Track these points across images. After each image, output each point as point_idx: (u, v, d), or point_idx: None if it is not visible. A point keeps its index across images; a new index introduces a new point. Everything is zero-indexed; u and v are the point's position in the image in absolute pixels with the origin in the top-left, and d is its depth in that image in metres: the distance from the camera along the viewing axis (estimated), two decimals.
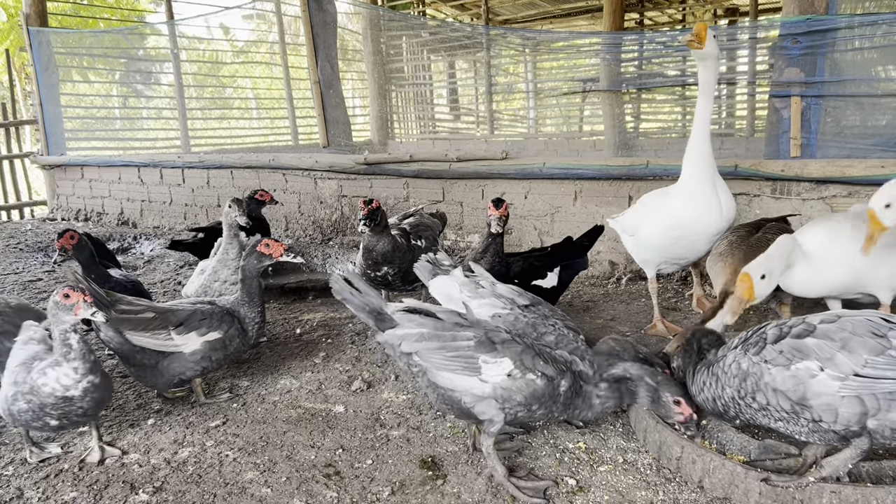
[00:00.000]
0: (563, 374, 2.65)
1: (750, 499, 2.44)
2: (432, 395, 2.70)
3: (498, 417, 2.62)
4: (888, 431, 2.26)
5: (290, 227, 8.01)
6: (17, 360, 2.96)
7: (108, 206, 9.95)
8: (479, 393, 2.59)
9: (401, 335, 2.62)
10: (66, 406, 2.85)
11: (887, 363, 2.23)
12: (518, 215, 6.37)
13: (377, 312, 2.69)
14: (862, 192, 4.77)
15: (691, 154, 3.96)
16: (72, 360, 2.82)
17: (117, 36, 12.55)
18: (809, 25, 4.92)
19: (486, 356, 2.57)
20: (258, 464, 2.99)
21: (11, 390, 2.86)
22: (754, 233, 3.88)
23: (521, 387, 2.58)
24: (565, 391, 2.64)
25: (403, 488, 2.76)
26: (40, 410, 2.83)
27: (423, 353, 2.59)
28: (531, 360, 2.60)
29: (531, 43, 12.35)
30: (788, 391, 2.34)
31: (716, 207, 3.92)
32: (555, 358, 2.69)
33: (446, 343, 2.59)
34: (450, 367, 2.59)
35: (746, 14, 13.73)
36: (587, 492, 2.66)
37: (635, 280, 5.60)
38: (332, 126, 8.51)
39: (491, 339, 2.62)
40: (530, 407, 2.61)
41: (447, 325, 2.66)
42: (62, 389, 2.81)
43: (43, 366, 2.85)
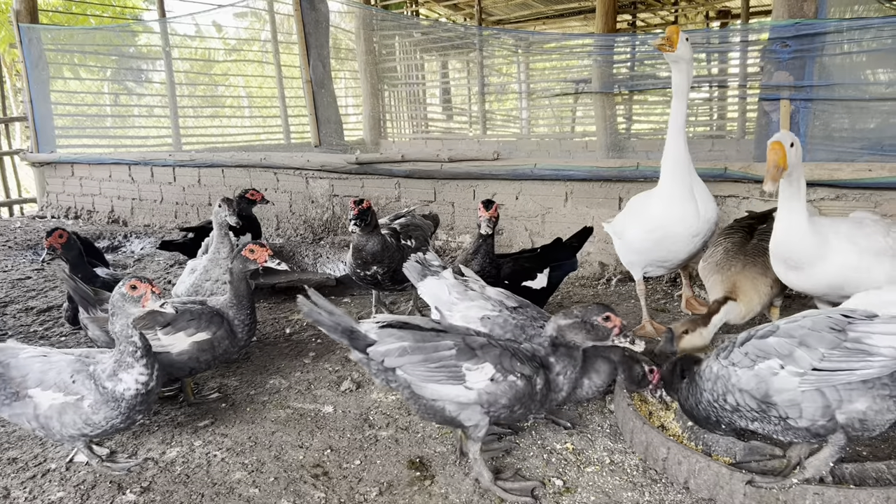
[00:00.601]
0: (537, 370, 2.66)
1: (735, 500, 2.46)
2: (414, 405, 2.70)
3: (483, 422, 2.63)
4: (858, 423, 2.32)
5: (282, 226, 7.99)
6: (58, 373, 2.81)
7: (99, 204, 9.91)
8: (465, 400, 2.60)
9: (383, 351, 2.60)
10: (150, 397, 2.87)
11: (842, 355, 2.30)
12: (509, 216, 6.39)
13: (350, 331, 2.65)
14: (850, 195, 4.81)
15: (667, 156, 3.98)
16: (140, 357, 2.79)
17: (109, 33, 12.50)
18: (798, 29, 4.95)
19: (468, 363, 2.57)
20: (246, 464, 2.99)
21: (85, 403, 2.76)
22: (748, 238, 3.90)
23: (504, 390, 2.58)
24: (541, 388, 2.66)
25: (391, 489, 2.76)
26: (130, 411, 2.81)
27: (406, 367, 2.58)
28: (509, 361, 2.61)
29: (524, 43, 12.36)
30: (752, 390, 2.43)
31: (692, 209, 3.93)
32: (527, 355, 2.69)
33: (429, 354, 2.58)
34: (434, 377, 2.58)
35: (738, 17, 13.79)
36: (574, 492, 2.68)
37: (625, 281, 5.62)
38: (323, 125, 8.50)
39: (470, 345, 2.61)
40: (513, 408, 2.63)
41: (427, 336, 2.65)
42: (144, 387, 2.81)
43: (108, 372, 2.78)
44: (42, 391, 2.79)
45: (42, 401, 2.79)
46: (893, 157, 5.01)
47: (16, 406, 2.82)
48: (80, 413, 2.77)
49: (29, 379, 2.80)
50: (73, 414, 2.78)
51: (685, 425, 3.00)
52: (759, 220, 4.21)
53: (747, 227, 4.06)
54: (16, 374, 2.82)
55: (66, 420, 2.79)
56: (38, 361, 2.85)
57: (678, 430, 3.00)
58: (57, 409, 2.78)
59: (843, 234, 3.34)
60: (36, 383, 2.79)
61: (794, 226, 3.24)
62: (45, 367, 2.83)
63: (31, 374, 2.81)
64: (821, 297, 3.57)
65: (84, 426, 2.80)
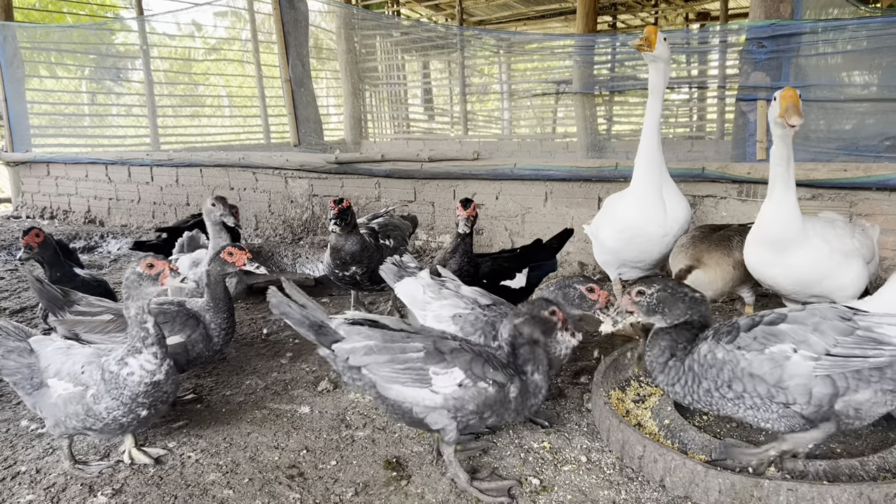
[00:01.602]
0: (512, 378, 2.61)
1: (710, 497, 2.46)
2: (382, 406, 2.68)
3: (450, 426, 2.60)
4: (852, 412, 2.40)
5: (261, 226, 7.94)
6: (73, 364, 2.78)
7: (75, 203, 9.79)
8: (431, 404, 2.56)
9: (348, 349, 2.56)
10: (156, 392, 2.75)
11: (855, 343, 2.37)
12: (489, 216, 6.38)
13: (318, 326, 2.61)
14: (826, 195, 4.86)
15: (640, 155, 4.01)
16: (150, 345, 2.71)
17: (86, 31, 12.35)
18: (774, 30, 5.00)
19: (435, 367, 2.54)
20: (221, 465, 2.95)
21: (88, 393, 2.71)
22: (716, 231, 3.94)
23: (472, 395, 2.55)
24: (515, 397, 2.61)
25: (367, 489, 2.74)
26: (132, 402, 2.70)
27: (371, 366, 2.55)
28: (481, 368, 2.57)
29: (505, 44, 12.39)
30: (765, 374, 2.43)
31: (661, 210, 3.97)
32: (503, 363, 2.65)
33: (395, 355, 2.54)
34: (399, 379, 2.55)
35: (717, 19, 13.92)
36: (550, 491, 2.67)
37: (604, 281, 5.63)
38: (303, 125, 8.46)
39: (440, 349, 2.58)
40: (482, 415, 2.60)
41: (395, 336, 2.61)
42: (149, 375, 2.71)
43: (117, 357, 2.72)
44: (58, 381, 2.77)
45: (55, 390, 2.77)
46: (868, 158, 5.08)
47: (36, 395, 2.81)
48: (82, 403, 2.72)
49: (50, 369, 2.79)
50: (77, 404, 2.73)
51: (661, 423, 3.00)
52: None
53: (717, 227, 4.10)
54: (43, 364, 2.81)
55: (70, 411, 2.74)
56: (61, 353, 2.83)
57: (654, 429, 3.01)
58: (64, 398, 2.75)
59: (818, 231, 3.38)
60: (54, 373, 2.77)
61: (785, 204, 3.28)
62: (65, 358, 2.81)
63: (52, 364, 2.80)
64: (789, 295, 3.60)
65: (86, 417, 2.73)
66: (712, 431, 3.07)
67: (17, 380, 2.83)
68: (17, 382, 2.83)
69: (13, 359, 2.82)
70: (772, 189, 3.33)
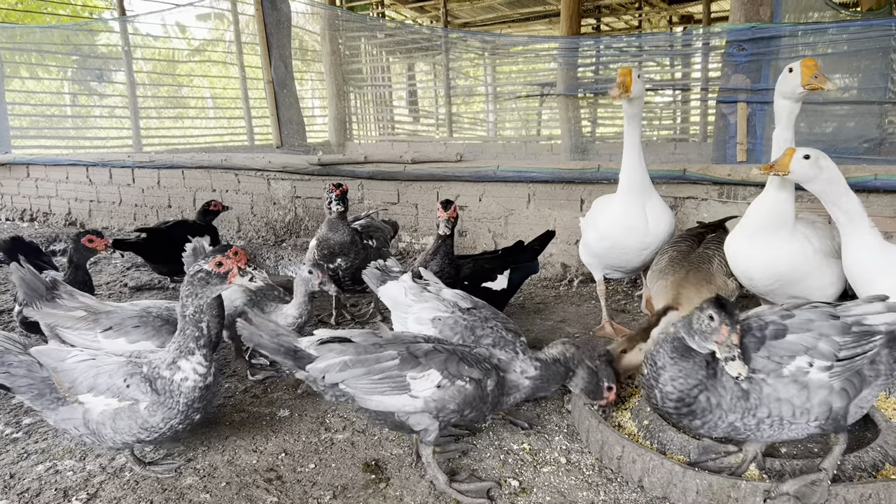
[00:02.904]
0: (488, 373, 2.65)
1: (688, 497, 2.47)
2: (364, 415, 2.68)
3: (433, 426, 2.61)
4: (856, 411, 2.40)
5: (243, 228, 7.89)
6: (110, 378, 2.65)
7: (56, 206, 9.69)
8: (412, 409, 2.57)
9: (322, 367, 2.54)
10: (207, 395, 2.69)
11: (853, 341, 2.32)
12: (473, 218, 6.38)
13: (293, 351, 2.59)
14: (805, 196, 4.88)
15: (623, 175, 4.07)
16: (202, 346, 2.63)
17: (67, 31, 12.25)
18: (754, 33, 5.03)
19: (412, 372, 2.54)
20: (198, 469, 2.92)
21: (142, 406, 2.61)
22: (695, 247, 3.92)
23: (452, 395, 2.57)
24: (492, 390, 2.65)
25: (345, 492, 2.72)
26: (188, 409, 2.63)
27: (349, 381, 2.53)
28: (456, 366, 2.58)
29: (490, 46, 12.41)
30: (793, 397, 2.31)
31: (641, 225, 4.06)
32: (477, 358, 2.68)
33: (371, 367, 2.53)
34: (378, 389, 2.54)
35: (700, 22, 14.01)
36: (529, 493, 2.66)
37: (587, 282, 5.65)
38: (285, 126, 8.42)
39: (413, 353, 2.58)
40: (463, 412, 2.62)
41: (368, 349, 2.60)
42: (202, 379, 2.64)
43: (167, 361, 2.63)
44: (94, 397, 2.63)
45: (94, 406, 2.64)
46: (848, 160, 5.11)
47: (62, 411, 2.67)
48: (136, 417, 2.62)
49: (79, 384, 2.63)
50: (129, 419, 2.62)
51: (641, 424, 3.00)
52: (710, 229, 4.25)
53: (696, 235, 4.09)
54: (64, 378, 2.64)
55: (121, 426, 2.63)
56: (87, 365, 2.67)
57: (634, 429, 3.01)
58: (110, 415, 2.63)
59: (801, 230, 3.40)
60: (87, 388, 2.62)
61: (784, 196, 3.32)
62: (95, 371, 2.65)
63: (80, 378, 2.64)
64: (768, 294, 3.62)
65: (140, 431, 2.64)
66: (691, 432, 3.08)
67: (33, 395, 2.68)
68: (34, 398, 2.68)
69: (23, 373, 2.67)
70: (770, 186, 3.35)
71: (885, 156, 5.80)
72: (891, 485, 2.30)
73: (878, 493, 2.29)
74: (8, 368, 2.65)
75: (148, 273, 6.30)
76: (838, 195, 3.09)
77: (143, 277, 6.23)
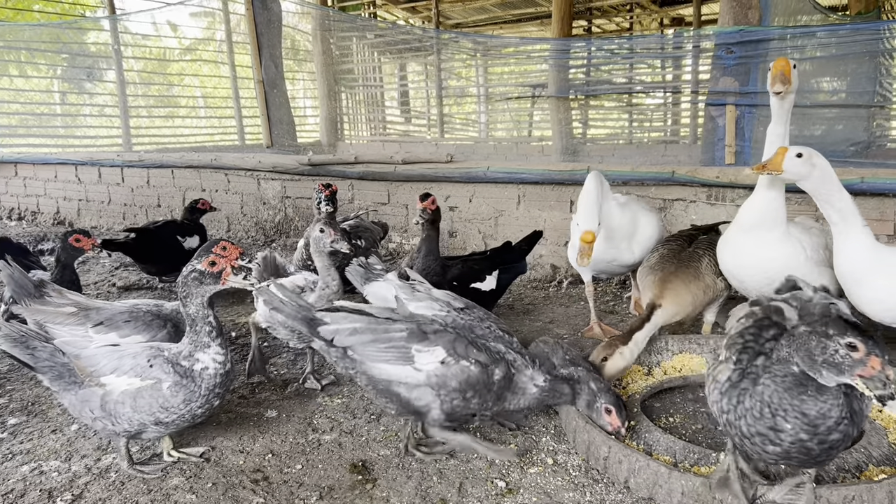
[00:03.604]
0: (496, 362, 2.74)
1: (673, 498, 2.47)
2: (372, 391, 2.76)
3: (434, 404, 2.68)
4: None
5: (233, 228, 7.87)
6: (134, 359, 2.74)
7: (44, 205, 9.63)
8: (414, 381, 2.66)
9: (333, 330, 2.65)
10: (226, 382, 2.80)
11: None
12: (463, 218, 6.39)
13: (310, 319, 2.69)
14: (793, 198, 4.91)
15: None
16: (216, 337, 2.73)
17: (56, 30, 12.18)
18: (743, 36, 5.06)
19: (418, 345, 2.65)
20: (184, 469, 2.91)
21: (164, 385, 2.68)
22: (686, 247, 3.94)
23: (455, 373, 2.65)
24: (499, 380, 2.73)
25: (332, 493, 2.72)
26: (209, 394, 2.74)
27: (356, 347, 2.64)
28: (464, 348, 2.69)
29: (482, 47, 12.42)
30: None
31: (625, 252, 4.25)
32: (488, 347, 2.78)
33: (379, 335, 2.65)
34: (383, 357, 2.64)
35: (691, 24, 14.06)
36: (516, 494, 2.67)
37: (576, 284, 5.66)
38: (275, 126, 8.41)
39: (423, 329, 2.69)
40: (465, 394, 2.68)
41: (380, 320, 2.71)
42: (222, 367, 2.74)
43: (184, 353, 2.73)
44: (117, 377, 2.72)
45: (116, 387, 2.71)
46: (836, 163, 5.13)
47: (81, 393, 2.75)
48: (157, 396, 2.69)
49: (103, 367, 2.73)
50: (150, 398, 2.69)
51: (628, 424, 3.01)
52: (702, 232, 4.26)
53: (687, 237, 4.11)
54: (86, 363, 2.74)
55: (141, 404, 2.69)
56: (110, 350, 2.81)
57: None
58: (132, 394, 2.70)
59: (795, 235, 3.42)
60: (111, 370, 2.72)
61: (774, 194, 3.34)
62: (119, 354, 2.77)
63: (103, 361, 2.74)
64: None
65: (160, 410, 2.70)
66: (678, 433, 3.09)
67: (53, 376, 2.76)
68: (53, 379, 2.77)
69: (46, 357, 2.76)
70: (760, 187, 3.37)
71: (872, 159, 5.85)
72: (874, 486, 2.31)
73: (862, 494, 2.30)
74: (32, 351, 2.74)
75: (136, 273, 6.28)
76: (831, 193, 3.10)
77: (132, 277, 6.20)
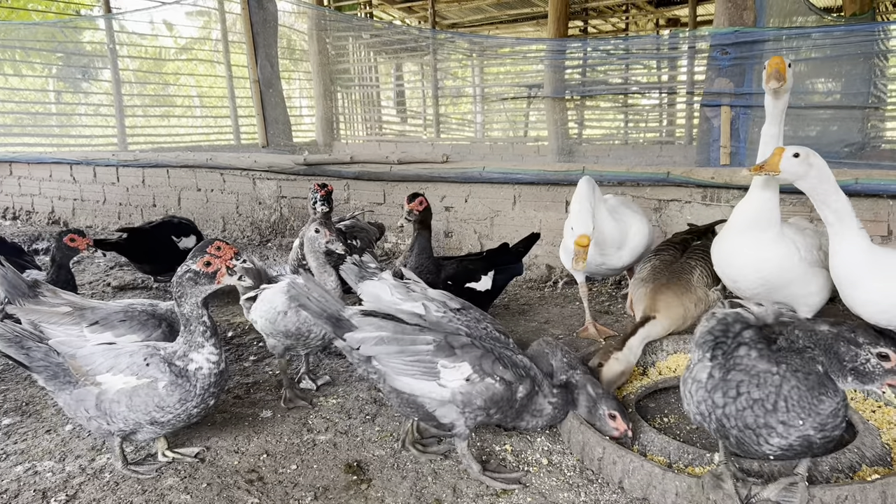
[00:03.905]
0: (521, 379, 2.72)
1: (667, 499, 2.48)
2: (395, 399, 2.73)
3: (459, 422, 2.67)
4: None
5: (228, 227, 7.86)
6: (130, 358, 2.75)
7: (39, 204, 9.61)
8: (439, 398, 2.63)
9: (360, 339, 2.61)
10: (221, 381, 2.82)
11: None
12: (458, 219, 6.39)
13: (336, 318, 2.66)
14: (787, 199, 4.93)
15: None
16: (209, 337, 2.73)
17: (52, 28, 12.15)
18: (738, 37, 5.07)
19: (444, 360, 2.61)
20: (179, 470, 2.91)
21: (160, 384, 2.69)
22: (678, 256, 3.94)
23: (480, 391, 2.62)
24: (522, 397, 2.72)
25: (326, 493, 2.72)
26: (204, 393, 2.75)
27: (381, 357, 2.60)
28: (490, 364, 2.65)
29: (478, 47, 12.42)
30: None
31: (613, 257, 4.27)
32: (515, 363, 2.75)
33: (405, 347, 2.60)
34: (408, 371, 2.61)
35: (687, 25, 14.08)
36: (511, 494, 2.67)
37: (571, 284, 5.66)
38: (271, 126, 8.40)
39: (450, 343, 2.64)
40: (489, 411, 2.67)
41: (406, 329, 2.66)
42: (216, 366, 2.75)
43: (178, 354, 2.74)
44: (113, 376, 2.73)
45: (112, 385, 2.72)
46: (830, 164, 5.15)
47: (76, 393, 2.76)
48: (153, 395, 2.69)
49: (98, 366, 2.74)
50: (146, 396, 2.70)
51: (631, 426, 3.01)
52: (697, 235, 4.27)
53: (680, 242, 4.11)
54: (82, 363, 2.75)
55: (137, 403, 2.70)
56: (106, 348, 2.82)
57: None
58: (127, 392, 2.71)
59: (790, 236, 3.43)
60: (106, 369, 2.73)
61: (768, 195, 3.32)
62: (115, 353, 2.78)
63: (99, 360, 2.75)
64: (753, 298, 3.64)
65: (156, 409, 2.71)
66: (672, 434, 3.10)
67: (48, 375, 2.77)
68: (48, 379, 2.78)
69: (41, 357, 2.77)
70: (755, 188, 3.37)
71: (866, 160, 5.86)
72: (867, 486, 2.32)
73: (855, 494, 2.31)
74: (27, 351, 2.75)
75: (132, 272, 6.27)
76: (828, 193, 3.09)
77: (127, 277, 6.19)
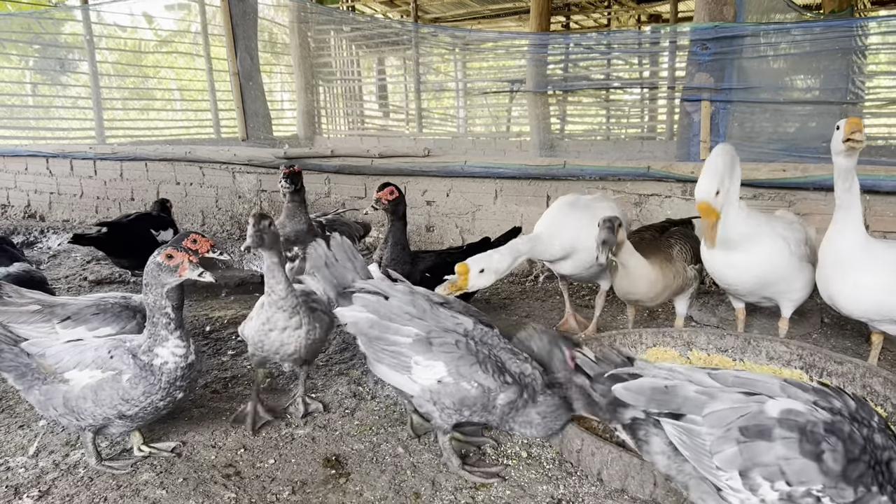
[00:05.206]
0: (505, 387, 2.59)
1: (645, 489, 2.49)
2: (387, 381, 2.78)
3: (434, 413, 2.65)
4: None
5: (207, 221, 7.78)
6: (95, 351, 2.72)
7: (14, 198, 9.46)
8: (409, 391, 2.64)
9: (349, 316, 2.64)
10: (190, 373, 2.76)
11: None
12: (440, 213, 6.37)
13: (343, 287, 2.69)
14: (766, 194, 4.97)
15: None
16: (174, 329, 2.68)
17: (28, 19, 11.96)
18: (717, 32, 5.09)
19: (418, 357, 2.58)
20: (154, 465, 2.87)
21: (124, 378, 2.65)
22: (658, 237, 3.96)
23: (450, 392, 2.58)
24: (503, 405, 2.61)
25: (304, 487, 2.70)
26: (170, 386, 2.69)
27: (363, 340, 2.64)
28: (468, 368, 2.58)
29: (461, 42, 12.38)
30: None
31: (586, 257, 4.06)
32: (505, 369, 2.62)
33: (385, 335, 2.60)
34: (385, 361, 2.62)
35: (668, 21, 14.15)
36: (490, 487, 2.66)
37: (552, 278, 5.67)
38: (251, 119, 8.33)
39: (430, 339, 2.59)
40: (461, 412, 2.63)
41: (394, 317, 2.63)
42: (183, 360, 2.70)
43: (143, 348, 2.69)
44: (79, 371, 2.70)
45: (78, 381, 2.69)
46: (809, 159, 5.21)
47: (44, 390, 2.72)
48: (118, 388, 2.65)
49: (66, 362, 2.71)
50: (111, 389, 2.66)
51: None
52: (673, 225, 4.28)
53: (660, 228, 4.13)
54: (51, 361, 2.72)
55: (103, 397, 2.66)
56: (73, 345, 2.78)
57: (594, 423, 3.03)
58: (93, 387, 2.67)
59: (779, 232, 3.44)
60: (73, 365, 2.70)
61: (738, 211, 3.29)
62: (81, 348, 2.75)
63: (67, 357, 2.72)
64: (744, 296, 3.66)
65: (121, 402, 2.67)
66: None
67: (17, 375, 2.75)
68: (17, 378, 2.76)
69: (11, 357, 2.75)
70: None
71: None
72: None
73: None
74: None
75: (109, 267, 6.19)
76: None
77: (104, 271, 6.11)
